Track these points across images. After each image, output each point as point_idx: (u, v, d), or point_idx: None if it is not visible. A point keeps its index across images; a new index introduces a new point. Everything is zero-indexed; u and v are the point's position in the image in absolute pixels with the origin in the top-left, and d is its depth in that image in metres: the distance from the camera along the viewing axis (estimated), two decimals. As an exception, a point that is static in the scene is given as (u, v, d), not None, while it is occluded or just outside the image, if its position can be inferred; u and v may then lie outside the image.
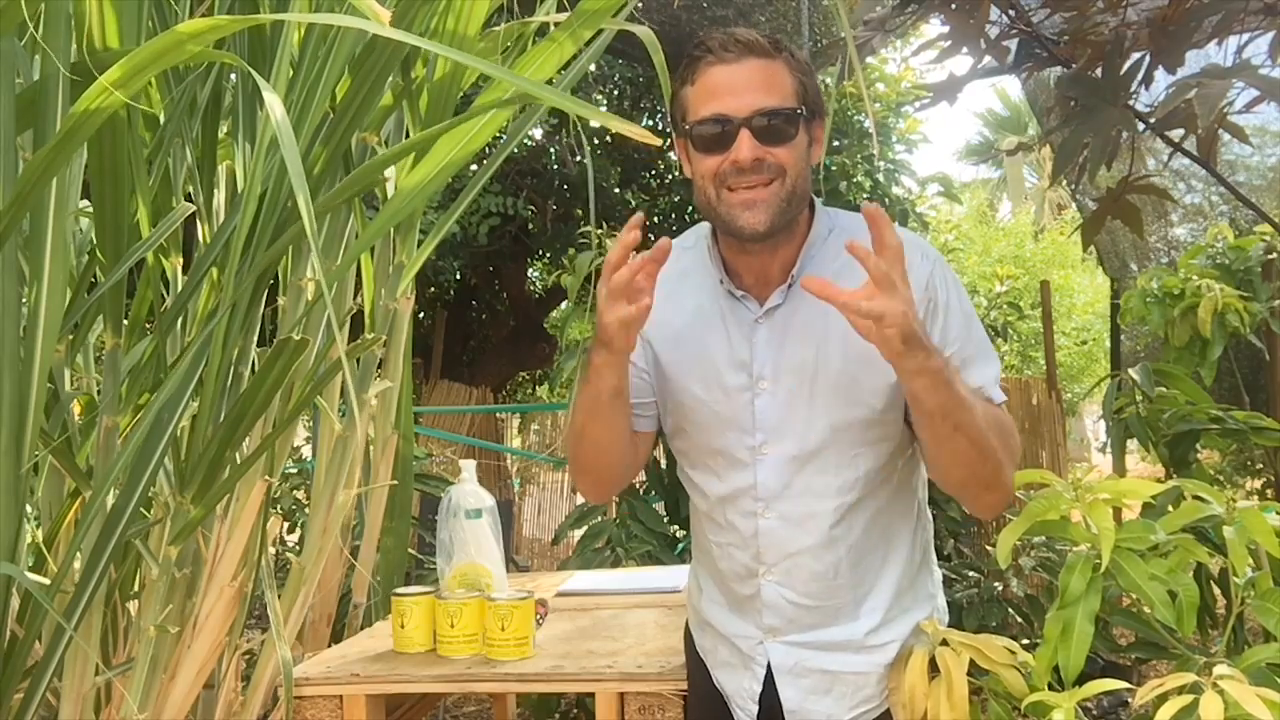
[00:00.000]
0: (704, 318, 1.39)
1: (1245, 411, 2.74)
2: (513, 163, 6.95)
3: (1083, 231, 2.53)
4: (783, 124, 1.28)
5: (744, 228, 1.29)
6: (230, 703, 1.81)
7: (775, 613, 1.38)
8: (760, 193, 1.28)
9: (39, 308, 1.43)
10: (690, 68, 1.32)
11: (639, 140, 1.15)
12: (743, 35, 1.30)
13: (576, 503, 5.97)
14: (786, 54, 1.32)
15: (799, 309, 1.34)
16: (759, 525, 1.36)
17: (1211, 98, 1.84)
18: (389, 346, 2.10)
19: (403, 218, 1.95)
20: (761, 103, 1.27)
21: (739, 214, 1.29)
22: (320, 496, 1.95)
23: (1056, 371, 5.99)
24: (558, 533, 3.39)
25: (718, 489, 1.40)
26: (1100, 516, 1.17)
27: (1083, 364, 12.04)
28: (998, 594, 3.16)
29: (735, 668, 1.43)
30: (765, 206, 1.28)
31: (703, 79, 1.30)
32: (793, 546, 1.36)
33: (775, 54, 1.31)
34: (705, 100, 1.30)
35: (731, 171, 1.28)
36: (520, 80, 1.30)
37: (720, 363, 1.37)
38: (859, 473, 1.34)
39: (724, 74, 1.29)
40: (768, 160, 1.28)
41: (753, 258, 1.36)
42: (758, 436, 1.35)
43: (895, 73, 6.37)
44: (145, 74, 1.22)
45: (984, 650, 1.27)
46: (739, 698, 1.42)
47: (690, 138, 1.32)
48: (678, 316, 1.41)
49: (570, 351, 3.27)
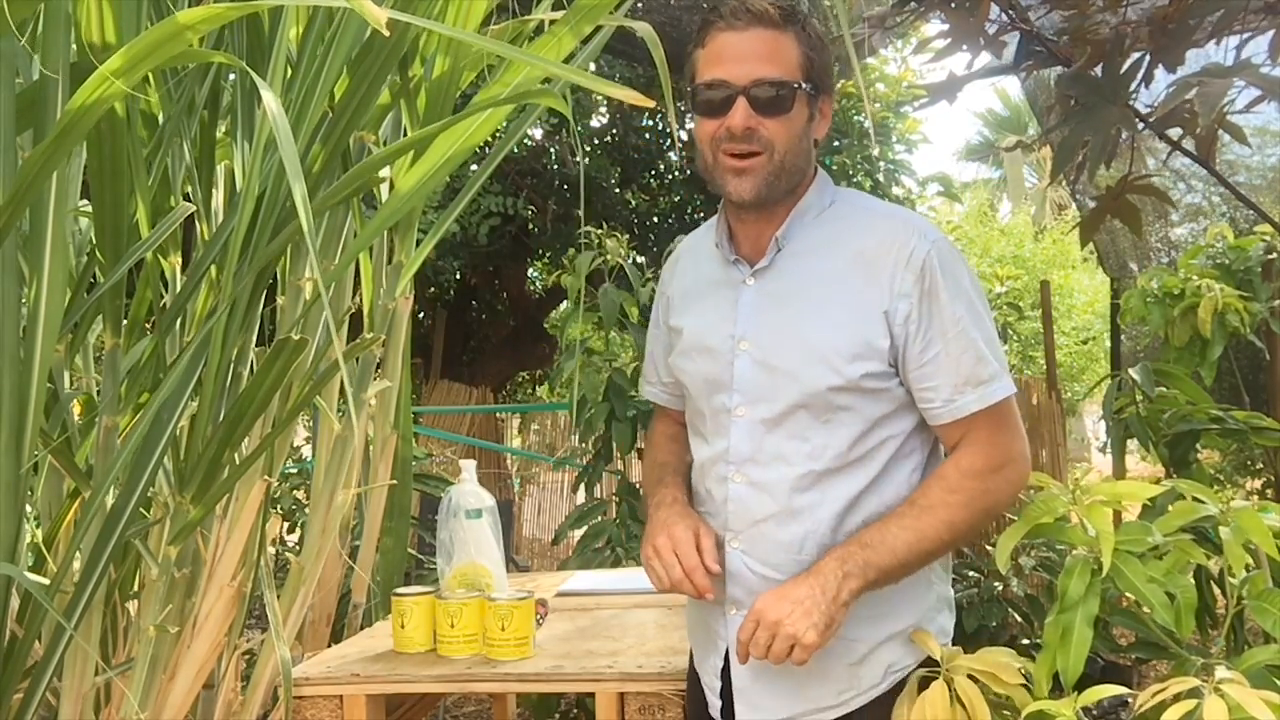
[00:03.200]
0: (706, 282, 1.45)
1: (1245, 411, 2.74)
2: (512, 163, 6.95)
3: (1081, 229, 2.53)
4: (779, 96, 1.31)
5: (732, 193, 1.34)
6: (230, 703, 1.81)
7: (738, 583, 1.36)
8: (749, 162, 1.32)
9: (39, 307, 1.44)
10: (702, 31, 1.35)
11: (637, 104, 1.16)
12: (755, 5, 1.32)
13: (576, 503, 5.97)
14: (798, 27, 1.33)
15: (783, 274, 1.37)
16: (729, 491, 1.37)
17: (1212, 96, 1.84)
18: (388, 346, 2.10)
19: (401, 217, 1.95)
20: (762, 72, 1.30)
21: (729, 180, 1.33)
22: (319, 496, 1.95)
23: (1056, 371, 5.98)
24: (558, 533, 3.39)
25: (702, 453, 1.43)
26: (1099, 519, 1.17)
27: (1083, 364, 12.02)
28: (998, 594, 3.16)
29: (707, 649, 1.43)
30: (752, 176, 1.32)
31: (711, 43, 1.34)
32: (758, 513, 1.35)
33: (785, 26, 1.32)
34: (710, 64, 1.33)
35: (725, 137, 1.31)
36: (531, 57, 1.30)
37: (712, 324, 1.41)
38: (829, 440, 1.32)
39: (730, 40, 1.32)
40: (759, 131, 1.31)
41: (749, 225, 1.40)
42: (734, 398, 1.37)
43: (895, 73, 6.37)
44: (144, 65, 1.22)
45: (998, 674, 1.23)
46: (707, 676, 1.42)
47: (693, 99, 1.35)
48: (688, 281, 1.49)
49: (570, 351, 3.27)
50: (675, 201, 7.70)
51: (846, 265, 1.34)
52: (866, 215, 1.39)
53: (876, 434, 1.34)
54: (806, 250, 1.37)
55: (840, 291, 1.33)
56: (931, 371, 1.31)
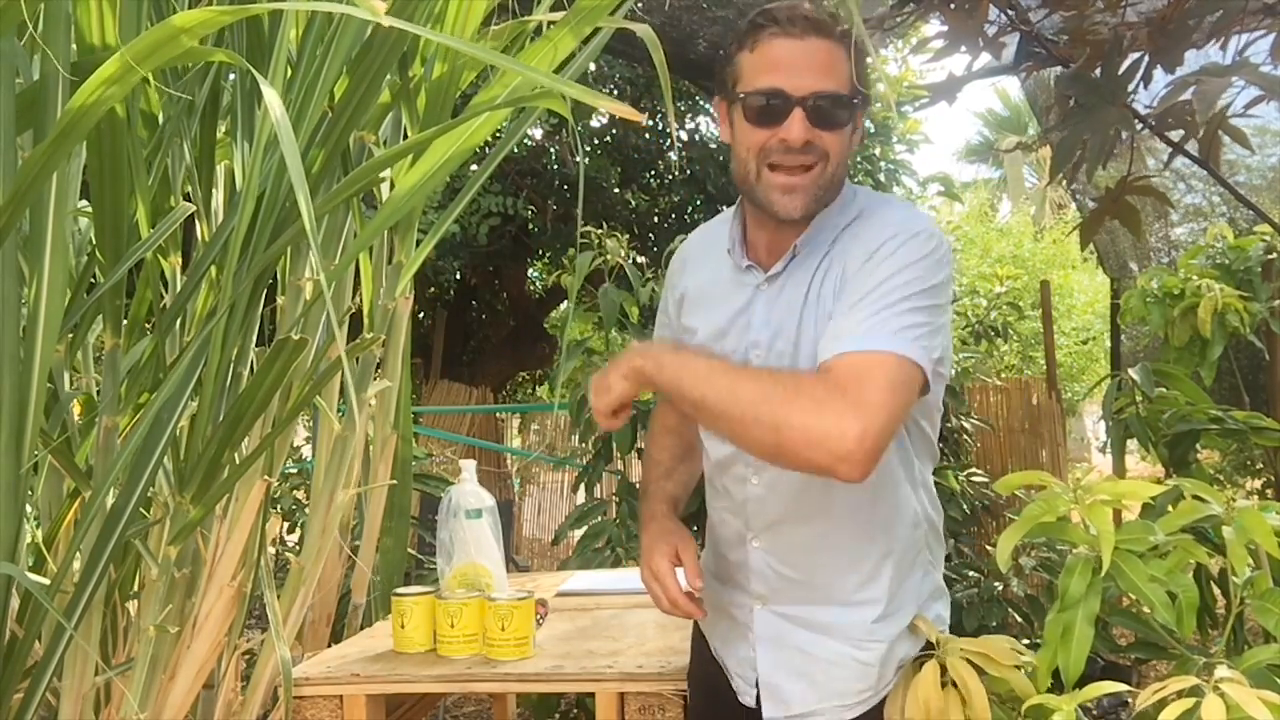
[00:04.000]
0: (718, 284, 1.44)
1: (1245, 411, 2.73)
2: (512, 163, 6.95)
3: (1081, 232, 2.53)
4: (837, 109, 1.27)
5: (779, 211, 1.30)
6: (230, 703, 1.81)
7: (762, 580, 1.40)
8: (801, 178, 1.28)
9: (39, 308, 1.44)
10: (752, 34, 1.30)
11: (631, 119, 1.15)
12: (810, 11, 1.28)
13: (576, 503, 5.97)
14: (847, 38, 1.30)
15: (793, 278, 1.35)
16: (748, 491, 1.39)
17: (1210, 95, 1.84)
18: (388, 346, 2.10)
19: (401, 217, 1.95)
20: (821, 85, 1.26)
21: (777, 197, 1.29)
22: (319, 496, 1.95)
23: (1056, 371, 5.99)
24: (558, 533, 3.38)
25: (719, 451, 1.43)
26: (1099, 518, 1.17)
27: (1083, 364, 12.01)
28: (998, 594, 3.16)
29: (732, 639, 1.45)
30: (804, 193, 1.29)
31: (764, 48, 1.28)
32: (775, 513, 1.37)
33: (838, 37, 1.29)
34: (763, 71, 1.27)
35: (778, 148, 1.27)
36: (522, 67, 1.30)
37: (724, 327, 1.40)
38: None
39: (786, 48, 1.27)
40: (816, 144, 1.27)
41: (771, 231, 1.37)
42: None
43: (896, 73, 6.37)
44: (143, 66, 1.22)
45: (991, 655, 1.25)
46: (739, 668, 1.44)
47: (742, 105, 1.30)
48: (700, 281, 1.47)
49: (570, 352, 3.27)
50: (675, 201, 7.70)
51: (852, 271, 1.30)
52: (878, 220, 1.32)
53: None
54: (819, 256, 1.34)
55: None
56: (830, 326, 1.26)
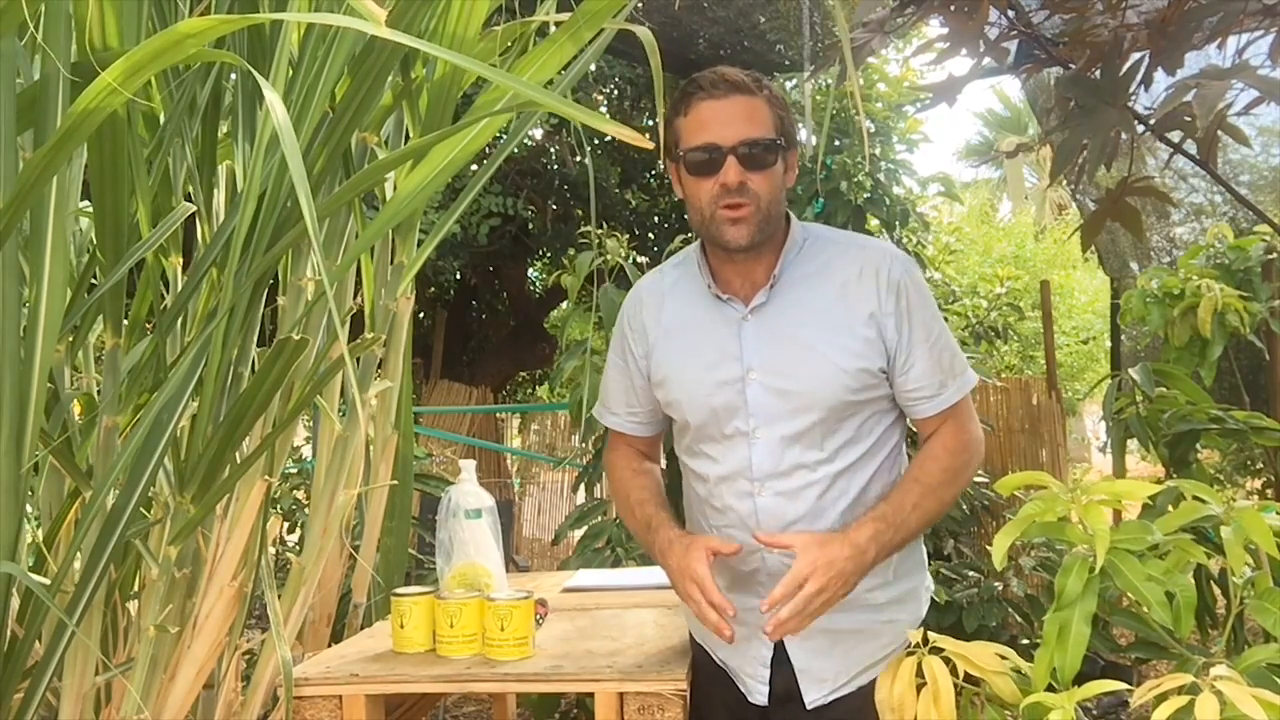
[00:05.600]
0: (695, 320, 1.59)
1: (1245, 411, 2.74)
2: (513, 163, 6.96)
3: (1082, 235, 2.53)
4: (763, 152, 1.49)
5: (730, 241, 1.50)
6: (230, 703, 1.81)
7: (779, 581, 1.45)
8: (743, 211, 1.49)
9: (39, 308, 1.44)
10: (683, 102, 1.52)
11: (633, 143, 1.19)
12: (730, 74, 1.50)
13: (576, 503, 5.97)
14: (767, 91, 1.51)
15: (782, 307, 1.54)
16: (756, 503, 1.53)
17: (1210, 98, 1.84)
18: (389, 346, 2.10)
19: (403, 218, 1.95)
20: (747, 133, 1.47)
21: (726, 229, 1.49)
22: (320, 496, 1.95)
23: (1057, 371, 5.99)
24: (558, 533, 3.39)
25: (716, 470, 1.57)
26: (1095, 518, 1.17)
27: (1083, 364, 12.01)
28: (998, 594, 3.16)
29: (744, 641, 1.52)
30: (747, 224, 1.49)
31: (694, 112, 1.50)
32: (789, 516, 1.52)
33: (758, 91, 1.50)
34: (697, 131, 1.49)
35: (720, 193, 1.48)
36: (517, 83, 1.30)
37: (712, 358, 1.56)
38: (840, 443, 1.52)
39: (713, 108, 1.49)
40: (748, 185, 1.48)
41: (739, 265, 1.56)
42: (751, 421, 1.53)
43: (896, 74, 6.36)
44: (145, 72, 1.23)
45: (971, 657, 1.26)
46: (750, 667, 1.56)
47: (684, 163, 1.51)
48: (671, 320, 1.62)
49: (570, 352, 3.27)
50: (675, 201, 7.71)
51: (835, 294, 1.53)
52: (841, 248, 1.58)
53: (875, 430, 1.56)
54: (797, 284, 1.55)
55: (836, 317, 1.52)
56: (918, 374, 1.53)
